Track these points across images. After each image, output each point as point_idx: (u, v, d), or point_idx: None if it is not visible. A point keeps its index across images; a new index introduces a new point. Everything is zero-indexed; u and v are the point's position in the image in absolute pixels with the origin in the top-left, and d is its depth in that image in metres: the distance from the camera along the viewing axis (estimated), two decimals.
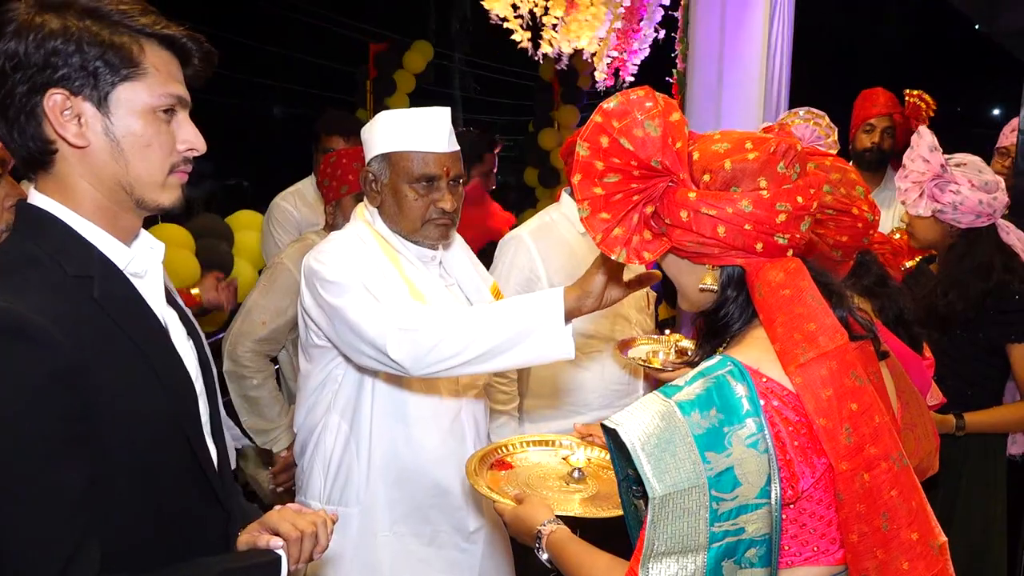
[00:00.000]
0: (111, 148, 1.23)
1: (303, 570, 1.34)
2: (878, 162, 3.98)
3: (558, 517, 1.51)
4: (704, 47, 3.86)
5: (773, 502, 1.16)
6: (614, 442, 1.25)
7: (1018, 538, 2.86)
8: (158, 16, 1.26)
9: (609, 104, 1.28)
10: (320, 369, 2.10)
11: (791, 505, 1.19)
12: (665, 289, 3.21)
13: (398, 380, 2.03)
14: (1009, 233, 2.60)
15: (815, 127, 3.13)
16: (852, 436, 1.17)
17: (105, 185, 1.24)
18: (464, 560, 2.16)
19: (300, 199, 3.60)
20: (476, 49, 11.20)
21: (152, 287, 1.34)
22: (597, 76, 4.37)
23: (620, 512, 1.45)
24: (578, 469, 1.81)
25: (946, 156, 2.54)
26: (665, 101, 1.28)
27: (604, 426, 1.24)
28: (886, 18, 12.39)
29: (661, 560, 1.16)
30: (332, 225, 2.82)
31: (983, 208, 2.49)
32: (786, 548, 1.20)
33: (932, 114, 3.95)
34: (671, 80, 4.32)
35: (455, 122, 2.05)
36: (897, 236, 2.95)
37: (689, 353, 1.52)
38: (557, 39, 4.10)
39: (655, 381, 2.54)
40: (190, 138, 1.30)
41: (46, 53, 1.17)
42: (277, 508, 1.37)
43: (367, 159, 2.05)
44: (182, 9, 1.44)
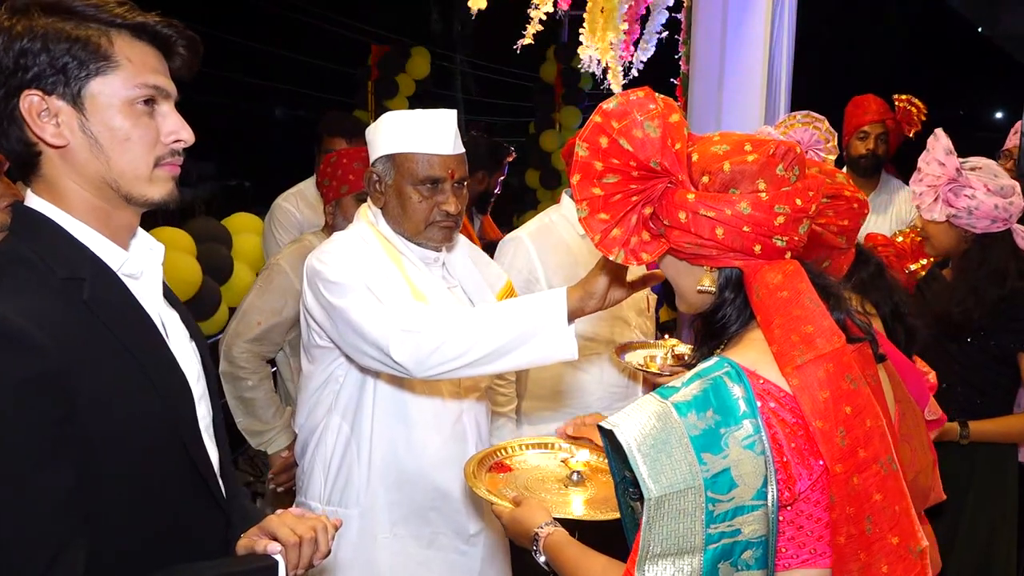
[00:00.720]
0: (90, 145, 1.21)
1: None
2: (873, 168, 4.01)
3: (556, 520, 1.50)
4: (705, 49, 3.85)
5: (770, 504, 1.15)
6: (611, 443, 1.25)
7: None
8: (131, 7, 1.24)
9: (608, 105, 1.28)
10: (322, 370, 2.09)
11: (788, 507, 1.18)
12: (666, 291, 3.20)
13: (400, 382, 2.02)
14: None
15: (814, 131, 3.11)
16: (846, 439, 1.17)
17: (91, 183, 1.23)
18: (463, 563, 2.15)
19: (302, 200, 3.59)
20: (477, 50, 11.20)
21: (149, 289, 1.33)
22: (612, 84, 4.33)
23: (619, 515, 1.44)
24: (577, 472, 1.81)
25: (961, 160, 2.51)
26: (665, 102, 1.27)
27: (600, 427, 1.23)
28: (887, 19, 12.38)
29: (657, 562, 1.15)
30: (332, 225, 2.81)
31: (999, 213, 2.45)
32: (783, 550, 1.20)
33: (924, 118, 3.97)
34: (675, 81, 4.31)
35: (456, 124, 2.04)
36: (900, 239, 2.93)
37: (686, 357, 1.52)
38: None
39: (653, 385, 2.54)
40: (175, 129, 1.27)
41: (15, 55, 1.16)
42: (278, 512, 1.35)
43: (371, 160, 2.04)
44: (183, 11, 1.43)
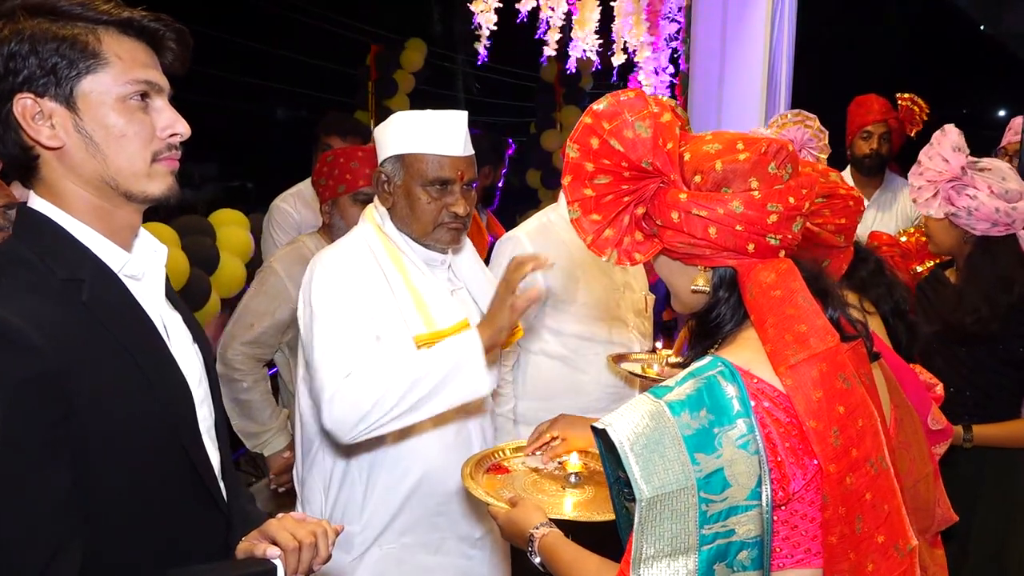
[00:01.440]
0: (85, 145, 1.21)
1: None
2: (877, 167, 4.03)
3: (553, 521, 1.50)
4: (705, 47, 3.84)
5: (764, 504, 1.15)
6: (604, 443, 1.24)
7: None
8: (116, 3, 1.23)
9: (599, 105, 1.28)
10: None
11: (782, 507, 1.18)
12: (667, 293, 3.19)
13: None
14: None
15: (806, 129, 3.10)
16: (840, 438, 1.17)
17: (90, 183, 1.23)
18: (471, 567, 2.13)
19: (300, 200, 3.59)
20: (478, 50, 11.17)
21: (150, 290, 1.33)
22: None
23: (614, 516, 1.44)
24: (574, 473, 1.81)
25: (973, 159, 2.46)
26: (656, 102, 1.27)
27: (594, 428, 1.23)
28: (888, 18, 12.36)
29: (651, 564, 1.15)
30: (329, 225, 2.81)
31: (999, 217, 2.41)
32: (777, 550, 1.19)
33: (926, 117, 3.98)
34: (675, 80, 4.31)
35: None
36: (904, 239, 2.91)
37: (683, 359, 1.51)
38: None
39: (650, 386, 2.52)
40: (170, 123, 1.27)
41: (4, 59, 1.16)
42: (279, 516, 1.35)
43: (380, 159, 2.02)
44: (182, 11, 1.42)
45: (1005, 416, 2.54)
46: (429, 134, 1.95)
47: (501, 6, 4.12)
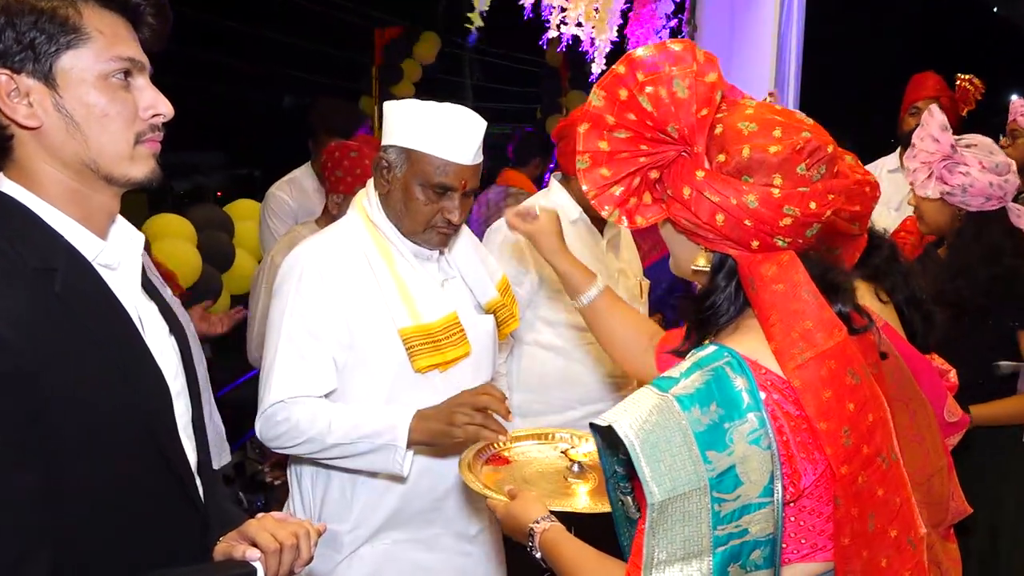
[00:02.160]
0: (65, 124, 1.16)
1: None
2: None
3: (557, 513, 1.45)
4: (712, 31, 3.77)
5: (776, 501, 1.11)
6: (603, 439, 1.20)
7: None
8: None
9: (639, 53, 1.18)
10: None
11: (792, 503, 1.14)
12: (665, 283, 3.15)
13: (390, 386, 1.94)
14: (1020, 216, 2.52)
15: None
16: (851, 438, 1.13)
17: (68, 165, 1.18)
18: (467, 565, 2.09)
19: (296, 188, 3.56)
20: (483, 36, 11.09)
21: (126, 280, 1.28)
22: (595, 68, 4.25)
23: None
24: (578, 463, 1.75)
25: (956, 137, 2.48)
26: (706, 58, 1.18)
27: (593, 425, 1.18)
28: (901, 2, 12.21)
29: (663, 569, 1.10)
30: (335, 217, 2.75)
31: (993, 191, 2.43)
32: (784, 546, 1.15)
33: (980, 97, 3.88)
34: None
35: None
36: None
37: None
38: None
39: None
40: (153, 103, 1.22)
41: None
42: (259, 516, 1.30)
43: (384, 142, 1.95)
44: None
45: (1001, 394, 2.53)
46: (442, 135, 1.87)
47: None
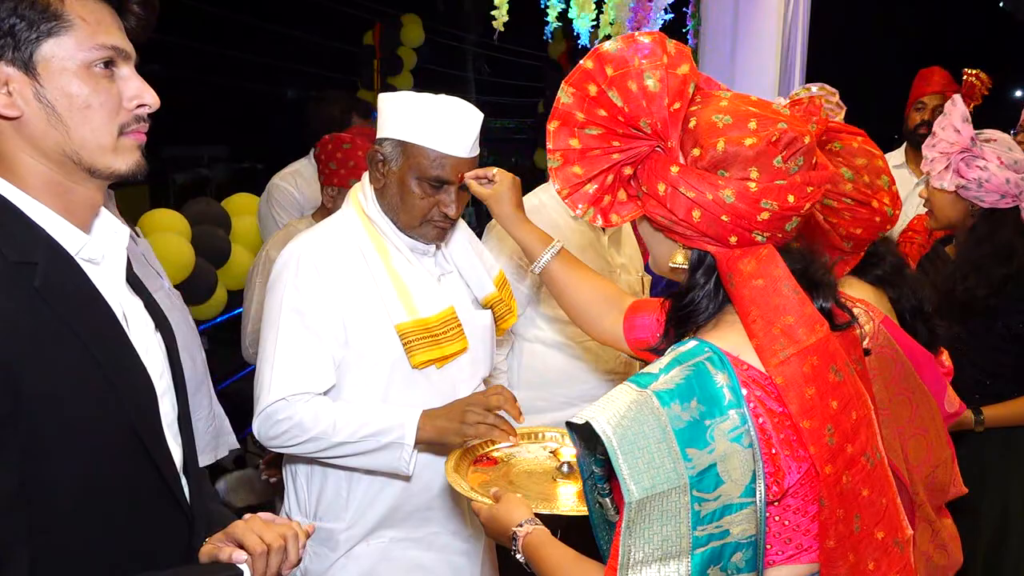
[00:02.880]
0: (46, 114, 1.12)
1: None
2: None
3: (544, 515, 1.42)
4: (717, 22, 3.70)
5: (758, 501, 1.07)
6: (581, 437, 1.16)
7: None
8: None
9: (607, 47, 1.15)
10: None
11: (775, 503, 1.10)
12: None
13: (386, 382, 1.91)
14: None
15: (826, 104, 2.99)
16: (834, 436, 1.10)
17: (49, 157, 1.14)
18: (464, 564, 2.05)
19: (301, 179, 3.51)
20: (486, 30, 11.04)
21: (110, 275, 1.24)
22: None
23: None
24: (567, 463, 1.72)
25: (975, 132, 2.43)
26: (677, 50, 1.15)
27: (570, 423, 1.14)
28: None
29: (640, 570, 1.07)
30: (329, 210, 2.73)
31: (1009, 188, 2.38)
32: (768, 547, 1.12)
33: (987, 92, 3.85)
34: None
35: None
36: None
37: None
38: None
39: None
40: (138, 93, 1.18)
41: None
42: (246, 517, 1.27)
43: (379, 135, 1.91)
44: None
45: (1009, 393, 2.49)
46: (438, 128, 1.83)
47: None
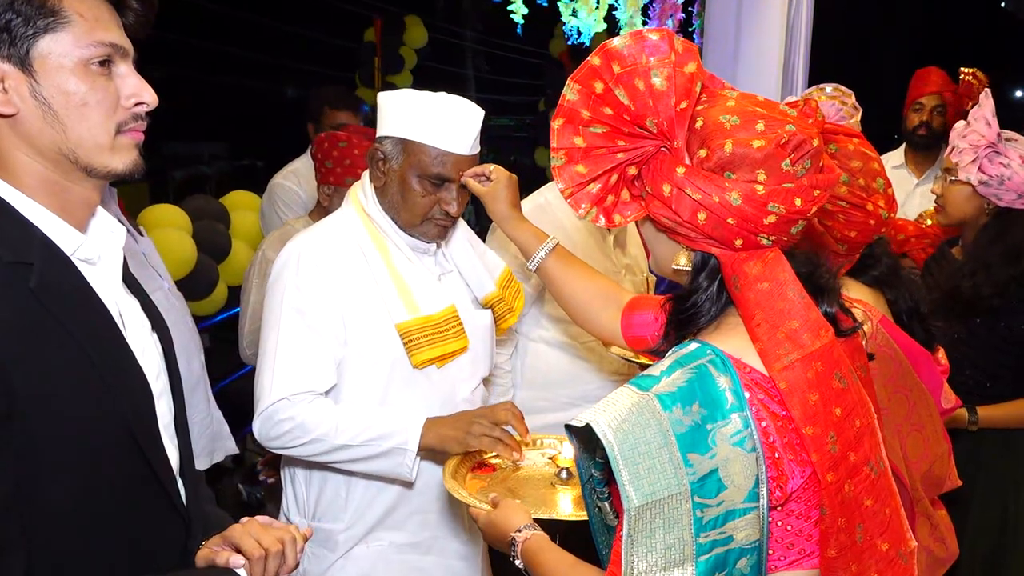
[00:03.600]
0: (42, 112, 1.11)
1: None
2: (930, 142, 3.85)
3: (543, 521, 1.41)
4: (720, 22, 3.69)
5: (762, 506, 1.06)
6: (580, 440, 1.15)
7: None
8: None
9: (615, 43, 1.14)
10: None
11: (778, 508, 1.09)
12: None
13: (385, 381, 1.89)
14: None
15: (841, 106, 2.97)
16: (837, 444, 1.08)
17: (45, 155, 1.13)
18: (465, 569, 2.04)
19: (301, 178, 3.49)
20: (487, 27, 11.01)
21: (107, 275, 1.23)
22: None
23: None
24: (565, 469, 1.71)
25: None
26: (684, 47, 1.13)
27: (569, 426, 1.12)
28: None
29: None
30: (326, 209, 2.72)
31: None
32: (771, 553, 1.10)
33: (984, 91, 3.83)
34: None
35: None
36: (929, 222, 2.80)
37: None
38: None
39: None
40: (136, 91, 1.16)
41: None
42: (243, 520, 1.25)
43: (380, 133, 1.90)
44: None
45: (1008, 396, 2.49)
46: (439, 125, 1.82)
47: None
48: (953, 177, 2.45)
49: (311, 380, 1.81)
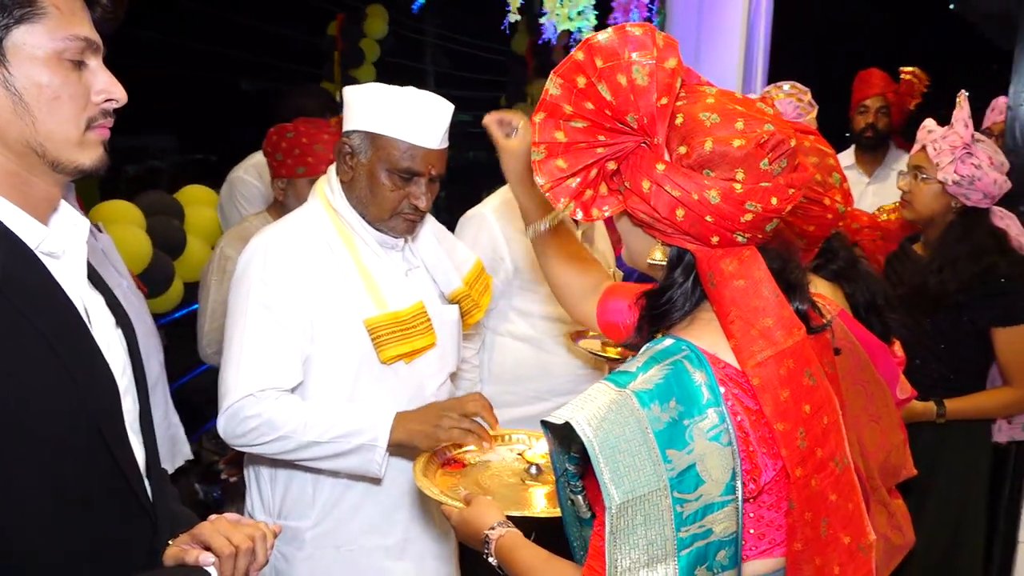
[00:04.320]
0: (13, 103, 1.08)
1: None
2: (877, 143, 3.96)
3: (514, 518, 1.41)
4: (682, 20, 3.72)
5: (738, 498, 1.08)
6: (555, 435, 1.16)
7: (996, 530, 2.80)
8: None
9: (598, 38, 1.14)
10: None
11: (752, 500, 1.11)
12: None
13: (352, 369, 1.87)
14: (1003, 218, 2.56)
15: (798, 103, 3.02)
16: (806, 440, 1.11)
17: (11, 148, 1.10)
18: (439, 568, 2.03)
19: (262, 171, 3.45)
20: (447, 22, 10.97)
21: (71, 269, 1.20)
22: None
23: None
24: (535, 465, 1.71)
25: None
26: (666, 42, 1.13)
27: (545, 422, 1.13)
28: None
29: None
30: (283, 203, 2.69)
31: (994, 189, 2.44)
32: (744, 543, 1.13)
33: (925, 89, 3.93)
34: None
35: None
36: (884, 216, 2.85)
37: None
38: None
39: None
40: (107, 87, 1.15)
41: None
42: (212, 518, 1.24)
43: (347, 128, 1.88)
44: None
45: (970, 388, 2.55)
46: (408, 119, 1.81)
47: None
48: (925, 176, 2.50)
49: (277, 376, 1.78)
